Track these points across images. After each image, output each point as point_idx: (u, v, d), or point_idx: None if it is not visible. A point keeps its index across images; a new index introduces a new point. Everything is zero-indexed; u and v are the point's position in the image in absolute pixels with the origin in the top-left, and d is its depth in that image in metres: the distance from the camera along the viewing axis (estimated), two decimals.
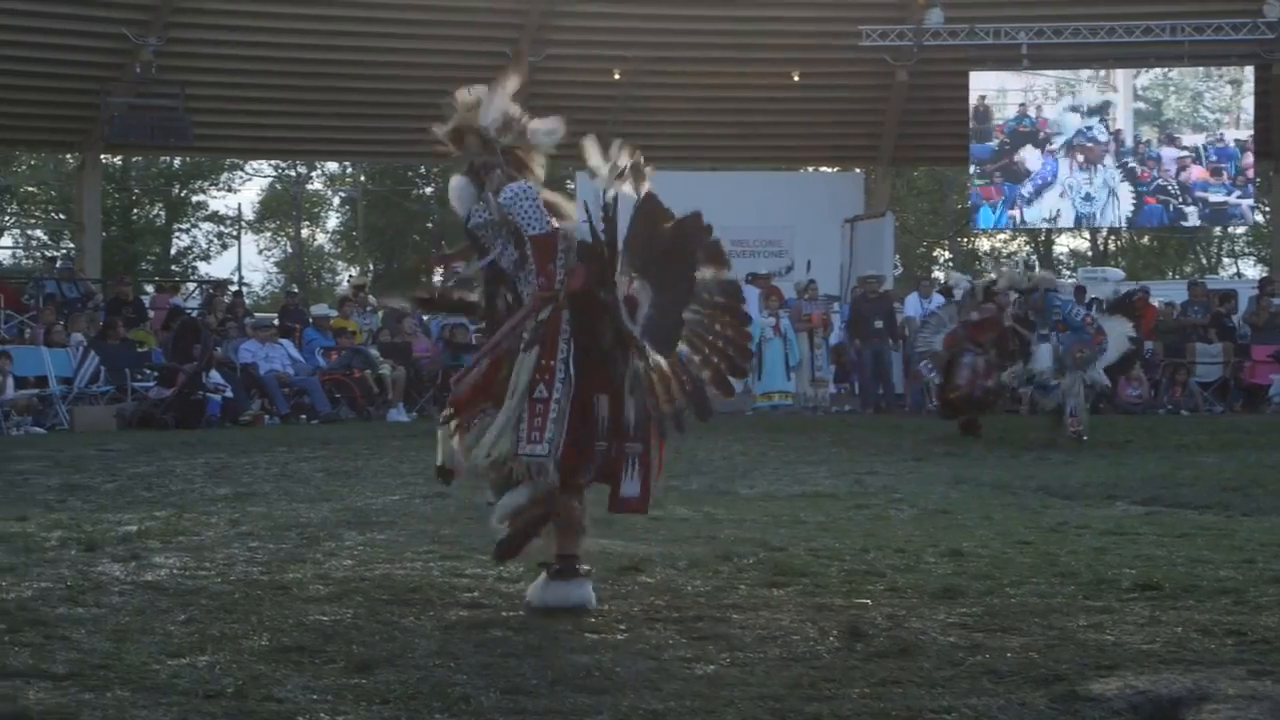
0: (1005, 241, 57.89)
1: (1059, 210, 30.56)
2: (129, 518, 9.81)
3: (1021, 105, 29.97)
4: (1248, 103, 29.74)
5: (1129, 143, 29.74)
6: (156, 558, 8.02)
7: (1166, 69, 29.95)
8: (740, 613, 6.50)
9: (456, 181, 6.95)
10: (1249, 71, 29.62)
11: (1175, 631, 6.04)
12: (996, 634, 6.00)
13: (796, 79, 29.94)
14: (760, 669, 5.49)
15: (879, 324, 24.40)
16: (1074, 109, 29.98)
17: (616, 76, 29.73)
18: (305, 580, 7.29)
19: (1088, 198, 29.97)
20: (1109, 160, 29.79)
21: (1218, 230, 49.85)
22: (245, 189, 79.95)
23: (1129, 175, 29.81)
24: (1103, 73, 29.98)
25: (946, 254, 57.60)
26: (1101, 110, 29.94)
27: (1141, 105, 29.87)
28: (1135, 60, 29.74)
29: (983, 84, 29.91)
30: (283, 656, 5.62)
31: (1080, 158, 29.87)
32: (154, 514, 10.06)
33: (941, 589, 6.95)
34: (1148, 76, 30.03)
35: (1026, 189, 30.09)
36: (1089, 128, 29.84)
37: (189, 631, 6.05)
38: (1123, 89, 29.93)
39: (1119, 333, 17.22)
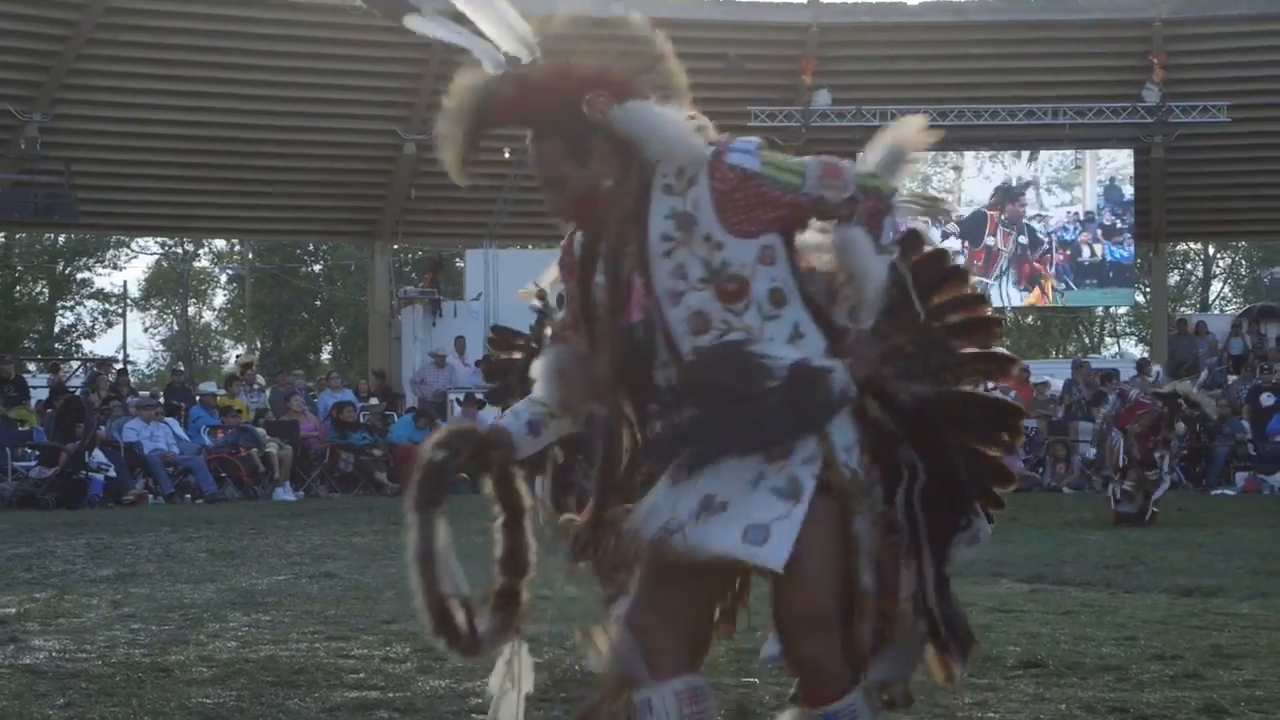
0: None
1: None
2: (7, 600, 9.66)
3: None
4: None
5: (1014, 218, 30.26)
6: (35, 640, 7.90)
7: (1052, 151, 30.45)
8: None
9: None
10: (1129, 154, 30.15)
11: (1059, 709, 6.09)
12: (880, 712, 6.01)
13: None
14: None
15: None
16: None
17: (507, 155, 29.73)
18: (188, 662, 7.20)
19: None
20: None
21: (1100, 310, 50.61)
22: (131, 266, 79.38)
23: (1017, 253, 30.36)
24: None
25: None
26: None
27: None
28: (1018, 143, 30.23)
29: None
30: None
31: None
32: (33, 596, 9.91)
33: None
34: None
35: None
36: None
37: (68, 716, 5.97)
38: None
39: None
